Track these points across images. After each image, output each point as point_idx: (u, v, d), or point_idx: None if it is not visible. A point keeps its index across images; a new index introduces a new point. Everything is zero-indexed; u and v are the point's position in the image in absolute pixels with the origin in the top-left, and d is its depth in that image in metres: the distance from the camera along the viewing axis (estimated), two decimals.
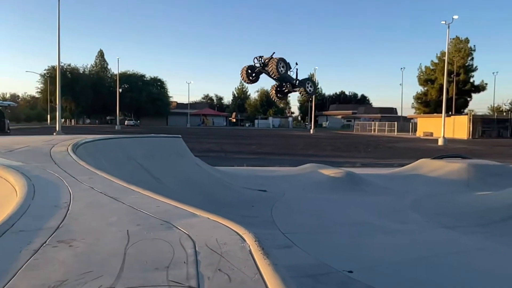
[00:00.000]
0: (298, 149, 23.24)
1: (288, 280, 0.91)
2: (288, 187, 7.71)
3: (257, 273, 0.94)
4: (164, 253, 1.06)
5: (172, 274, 0.93)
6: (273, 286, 0.88)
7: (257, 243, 1.17)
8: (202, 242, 1.15)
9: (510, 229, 5.12)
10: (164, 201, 1.63)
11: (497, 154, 20.32)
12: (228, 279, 0.91)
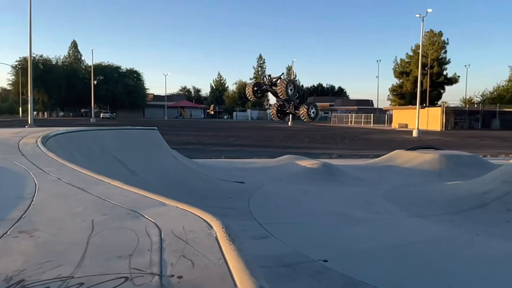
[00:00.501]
0: (276, 141, 23.33)
1: (251, 264, 0.91)
2: (266, 178, 7.74)
3: (221, 258, 0.94)
4: (128, 241, 1.04)
5: (134, 261, 0.92)
6: (236, 270, 0.88)
7: (223, 230, 1.16)
8: (168, 230, 1.14)
9: (478, 217, 5.29)
10: (133, 191, 1.61)
11: (468, 145, 20.92)
12: (192, 264, 0.91)
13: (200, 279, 0.86)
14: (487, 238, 4.50)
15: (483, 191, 6.09)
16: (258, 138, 26.09)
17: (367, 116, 58.82)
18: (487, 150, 17.80)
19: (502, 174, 6.25)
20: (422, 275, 3.33)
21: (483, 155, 13.65)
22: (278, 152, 11.55)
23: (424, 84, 56.54)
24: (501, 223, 5.03)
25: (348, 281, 3.13)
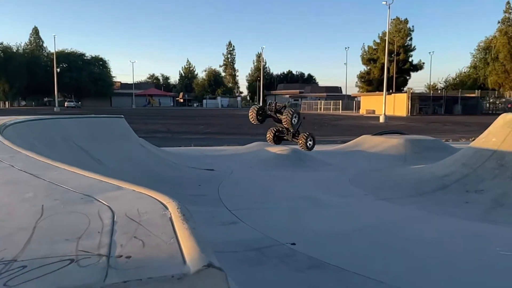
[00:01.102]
0: (247, 129, 23.32)
1: (203, 242, 0.90)
2: (236, 165, 7.74)
3: (173, 237, 0.93)
4: (78, 225, 1.02)
5: (82, 244, 0.90)
6: (186, 248, 0.87)
7: (179, 210, 1.15)
8: (122, 213, 1.12)
9: (439, 199, 5.50)
10: (89, 176, 1.57)
11: (432, 130, 21.61)
12: (142, 244, 0.89)
13: (149, 258, 0.84)
14: (447, 218, 4.69)
15: (444, 173, 6.33)
16: (228, 125, 26.00)
17: (336, 103, 59.65)
18: (449, 134, 18.46)
19: (462, 157, 6.50)
20: (385, 255, 3.43)
21: (446, 139, 14.15)
22: (248, 140, 11.56)
23: (391, 70, 57.75)
24: (461, 203, 5.25)
25: (315, 262, 3.19)
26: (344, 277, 2.93)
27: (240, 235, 3.83)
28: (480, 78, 61.95)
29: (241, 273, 2.97)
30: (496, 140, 6.16)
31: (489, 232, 4.13)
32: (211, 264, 0.81)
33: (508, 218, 4.57)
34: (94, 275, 0.78)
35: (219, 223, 4.17)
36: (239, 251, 3.41)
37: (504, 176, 5.55)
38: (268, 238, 3.74)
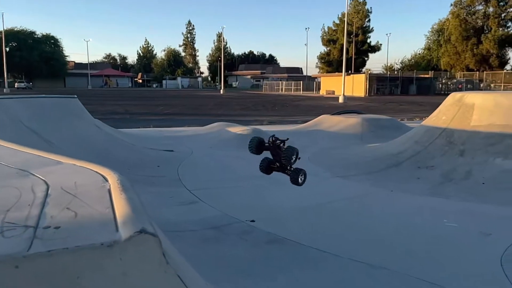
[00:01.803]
0: (208, 109, 23.12)
1: (139, 211, 0.90)
2: (196, 146, 7.69)
3: (109, 208, 0.92)
4: (8, 198, 0.98)
5: (10, 216, 0.87)
6: (121, 217, 0.86)
7: (118, 182, 1.13)
8: (58, 186, 1.09)
9: (392, 175, 5.74)
10: (27, 152, 1.50)
11: (388, 110, 22.32)
12: (75, 215, 0.88)
13: (80, 227, 0.83)
14: (400, 193, 4.91)
15: (398, 151, 6.59)
16: (188, 106, 25.65)
17: (297, 84, 60.13)
18: (404, 114, 19.15)
19: (414, 135, 6.79)
20: (341, 229, 3.56)
21: (401, 119, 14.68)
22: (209, 120, 11.47)
23: (350, 51, 58.74)
24: (413, 179, 5.51)
25: (273, 238, 3.27)
26: (301, 251, 3.02)
27: (200, 214, 3.84)
28: (434, 60, 64.34)
29: (200, 250, 3.00)
30: (446, 118, 6.46)
31: (437, 206, 4.37)
32: (144, 230, 0.80)
33: (455, 192, 4.85)
34: (18, 245, 0.76)
35: (178, 203, 4.16)
36: (198, 229, 3.43)
37: (452, 153, 5.86)
38: (227, 216, 3.77)
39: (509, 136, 5.62)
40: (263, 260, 2.89)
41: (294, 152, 2.73)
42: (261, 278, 2.60)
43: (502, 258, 2.92)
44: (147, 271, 0.77)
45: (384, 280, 2.62)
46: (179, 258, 1.10)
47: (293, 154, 2.72)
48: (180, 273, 0.79)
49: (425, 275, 2.66)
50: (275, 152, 2.81)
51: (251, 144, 2.86)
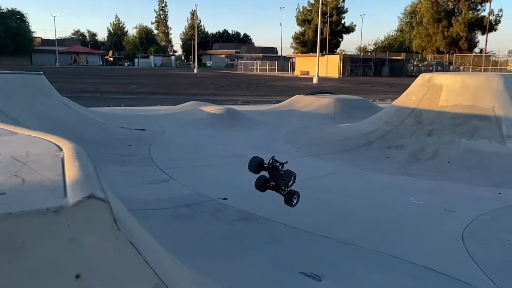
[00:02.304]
0: (181, 89, 22.77)
1: (92, 177, 0.88)
2: (168, 125, 7.59)
3: (60, 175, 0.89)
4: None
5: None
6: (71, 182, 0.83)
7: (73, 151, 1.09)
8: (8, 155, 1.05)
9: (363, 154, 5.85)
10: None
11: (361, 91, 22.60)
12: (22, 181, 0.85)
13: (27, 193, 0.80)
14: (370, 172, 5.03)
15: (369, 131, 6.71)
16: (161, 85, 25.17)
17: (271, 64, 59.86)
18: (376, 95, 19.45)
19: (385, 115, 6.91)
20: (311, 206, 3.62)
21: (373, 99, 14.92)
22: (182, 99, 11.31)
23: (324, 32, 58.75)
24: (382, 159, 5.64)
25: (245, 215, 3.30)
26: (271, 227, 3.07)
27: (171, 192, 3.82)
28: (406, 42, 65.24)
29: (172, 228, 3.00)
30: (415, 99, 6.60)
31: (405, 184, 4.51)
32: (93, 195, 0.78)
33: (422, 171, 5.01)
34: None
35: (150, 182, 4.12)
36: (170, 207, 3.41)
37: (420, 133, 6.02)
38: (199, 194, 3.77)
39: (475, 116, 5.81)
40: (235, 237, 2.92)
41: (291, 177, 2.80)
42: (233, 255, 2.63)
43: (464, 233, 3.06)
44: (97, 237, 0.76)
45: (352, 256, 2.69)
46: (138, 228, 1.08)
47: (290, 179, 2.79)
48: (136, 242, 0.78)
49: (391, 250, 2.75)
50: (272, 173, 2.88)
51: (251, 164, 2.92)
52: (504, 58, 50.85)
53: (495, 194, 4.08)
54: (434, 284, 2.34)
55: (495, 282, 2.34)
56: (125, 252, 0.75)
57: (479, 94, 5.99)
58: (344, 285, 2.29)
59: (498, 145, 5.35)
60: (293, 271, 2.41)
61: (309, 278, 2.35)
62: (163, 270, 0.82)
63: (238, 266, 2.46)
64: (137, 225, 1.10)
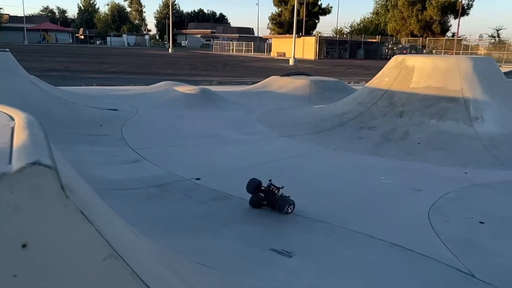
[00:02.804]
0: (155, 68, 22.32)
1: (40, 144, 0.85)
2: (141, 105, 7.45)
3: (7, 143, 0.86)
4: None
5: None
6: (18, 150, 0.80)
7: (24, 120, 1.06)
8: None
9: (336, 135, 5.93)
10: None
11: (336, 73, 22.75)
12: None
13: None
14: (342, 152, 5.10)
15: (342, 112, 6.79)
16: (134, 65, 24.59)
17: (248, 44, 59.28)
18: (351, 77, 19.63)
19: (358, 97, 7.00)
20: (284, 185, 3.65)
21: (348, 81, 15.04)
22: (156, 79, 11.09)
23: (301, 13, 58.46)
24: (355, 139, 5.73)
25: (218, 195, 3.31)
26: (244, 206, 3.09)
27: (144, 172, 3.78)
28: (381, 24, 65.67)
29: (144, 208, 2.97)
30: (388, 80, 6.70)
31: (376, 164, 4.60)
32: (38, 162, 0.75)
33: (393, 152, 5.12)
34: None
35: (122, 162, 4.06)
36: (142, 187, 3.38)
37: (392, 114, 6.13)
38: (172, 174, 3.75)
39: (445, 98, 5.95)
40: (208, 216, 2.92)
41: (287, 204, 2.89)
42: (205, 233, 2.64)
43: (430, 211, 3.17)
44: (42, 204, 0.74)
45: (323, 233, 2.75)
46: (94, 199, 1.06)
47: (285, 205, 2.87)
48: (88, 212, 0.76)
49: (361, 227, 2.82)
50: (269, 196, 2.97)
51: (250, 186, 3.03)
52: (475, 43, 52.08)
53: (461, 173, 4.23)
54: (400, 260, 2.42)
55: (458, 257, 2.45)
56: (74, 221, 0.74)
57: (449, 76, 6.13)
58: (313, 261, 2.34)
59: (465, 126, 5.52)
60: (265, 249, 2.44)
61: (280, 254, 2.39)
62: (119, 241, 0.80)
63: (209, 244, 2.48)
64: (93, 196, 1.08)
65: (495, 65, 6.59)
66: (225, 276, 1.68)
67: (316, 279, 2.13)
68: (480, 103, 5.78)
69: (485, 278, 2.23)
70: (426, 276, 2.24)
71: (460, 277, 2.24)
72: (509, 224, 2.91)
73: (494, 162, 4.71)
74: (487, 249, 2.57)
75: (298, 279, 2.08)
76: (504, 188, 3.77)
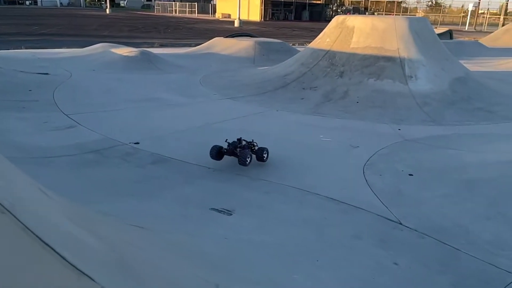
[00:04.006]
0: (91, 30, 20.96)
1: None
2: (76, 69, 7.02)
3: None
4: None
5: None
6: None
7: None
8: None
9: (279, 96, 5.96)
10: None
11: (282, 35, 22.63)
12: None
13: None
14: (285, 112, 5.16)
15: (286, 73, 6.81)
16: (68, 26, 22.93)
17: (191, 5, 57.05)
18: (296, 39, 19.64)
19: (301, 58, 7.03)
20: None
21: (292, 43, 15.03)
22: (92, 42, 10.42)
23: None
24: (297, 100, 5.80)
25: (158, 158, 3.24)
26: (184, 168, 3.06)
27: (78, 138, 3.61)
28: None
29: (79, 174, 2.85)
30: (329, 41, 6.76)
31: (316, 123, 4.71)
32: None
33: (333, 111, 5.25)
34: None
35: (53, 128, 3.84)
36: (76, 154, 3.23)
37: (333, 74, 6.24)
38: (109, 139, 3.61)
39: (382, 58, 6.13)
40: (147, 180, 2.87)
41: (247, 156, 3.07)
42: (143, 197, 2.59)
43: (365, 166, 3.31)
44: None
45: (263, 191, 2.80)
46: None
47: (246, 158, 3.05)
48: None
49: (299, 183, 2.90)
50: (232, 153, 3.15)
51: (212, 152, 3.13)
52: (413, 5, 53.78)
53: (395, 130, 4.44)
54: (334, 212, 2.53)
55: (388, 206, 2.60)
56: None
57: (386, 36, 6.29)
58: (253, 217, 2.39)
59: (401, 85, 5.75)
60: (205, 209, 2.45)
61: (220, 213, 2.41)
62: (10, 197, 0.75)
63: (148, 207, 2.44)
64: None
65: (429, 25, 6.85)
66: (156, 234, 1.66)
67: (254, 234, 2.18)
68: (414, 62, 6.02)
69: (411, 225, 2.39)
70: (358, 226, 2.37)
71: (388, 225, 2.39)
72: (435, 175, 3.12)
73: (425, 118, 4.99)
74: (414, 198, 2.75)
75: (237, 235, 2.12)
76: (433, 142, 4.02)
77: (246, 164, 3.06)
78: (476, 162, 3.39)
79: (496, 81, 7.03)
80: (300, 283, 1.76)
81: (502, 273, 1.98)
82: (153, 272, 0.94)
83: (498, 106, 5.59)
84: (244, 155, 3.06)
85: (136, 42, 13.83)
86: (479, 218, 2.50)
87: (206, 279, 1.22)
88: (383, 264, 2.00)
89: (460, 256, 2.11)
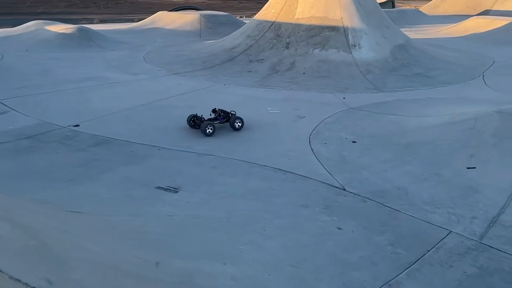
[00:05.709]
0: (24, 8, 19.49)
1: None
2: (7, 49, 6.53)
3: None
4: None
5: None
6: None
7: None
8: None
9: (227, 70, 5.88)
10: None
11: (229, 7, 22.20)
12: None
13: None
14: (232, 86, 5.11)
15: (232, 46, 6.71)
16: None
17: None
18: (243, 11, 19.35)
19: (247, 30, 6.93)
20: (170, 124, 3.57)
21: (240, 16, 14.79)
22: (25, 20, 9.68)
23: None
24: (244, 73, 5.75)
25: (100, 140, 3.12)
26: (129, 148, 2.97)
27: (12, 124, 3.39)
28: None
29: (12, 162, 2.70)
30: (274, 12, 6.70)
31: (264, 96, 4.71)
32: None
33: (280, 83, 5.26)
34: None
35: None
36: (9, 141, 3.04)
37: (279, 46, 6.22)
38: (46, 123, 3.41)
39: (326, 28, 6.17)
40: (89, 162, 2.76)
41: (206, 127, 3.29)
42: (84, 181, 2.50)
43: (311, 136, 3.37)
44: None
45: (210, 165, 2.78)
46: None
47: (205, 129, 3.28)
48: None
49: (246, 156, 2.91)
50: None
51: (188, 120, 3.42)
52: None
53: (340, 99, 4.54)
54: (281, 182, 2.57)
55: (332, 174, 2.67)
56: None
57: (330, 5, 6.32)
58: (200, 193, 2.38)
59: (345, 54, 5.85)
60: (150, 188, 2.40)
61: (166, 191, 2.37)
62: None
63: (90, 190, 2.36)
64: None
65: None
66: (94, 218, 1.61)
67: (201, 210, 2.18)
68: (358, 31, 6.12)
69: (354, 190, 2.48)
70: (304, 194, 2.42)
71: (333, 191, 2.46)
72: (376, 141, 3.24)
73: (368, 86, 5.13)
74: (357, 164, 2.84)
75: (182, 211, 2.10)
76: (375, 109, 4.15)
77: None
78: (414, 126, 3.55)
79: (436, 47, 7.32)
80: (246, 253, 1.78)
81: (436, 229, 2.11)
82: (80, 256, 0.90)
83: (436, 71, 5.85)
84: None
85: (74, 19, 13.04)
86: (417, 179, 2.63)
87: (146, 259, 1.20)
88: (328, 229, 2.07)
89: (398, 216, 2.22)
